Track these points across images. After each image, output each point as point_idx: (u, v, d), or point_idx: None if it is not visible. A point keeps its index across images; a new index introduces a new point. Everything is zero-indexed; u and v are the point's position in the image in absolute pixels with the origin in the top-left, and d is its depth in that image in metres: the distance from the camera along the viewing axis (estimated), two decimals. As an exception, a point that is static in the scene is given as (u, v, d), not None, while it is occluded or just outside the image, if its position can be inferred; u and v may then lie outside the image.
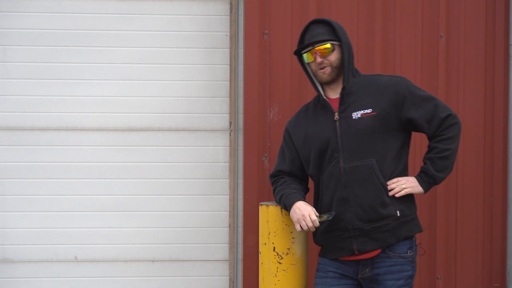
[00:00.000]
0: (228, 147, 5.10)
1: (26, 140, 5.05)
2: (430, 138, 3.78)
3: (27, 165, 5.05)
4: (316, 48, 3.76)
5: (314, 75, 3.85)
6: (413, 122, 3.75)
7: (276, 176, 3.99)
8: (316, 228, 3.79)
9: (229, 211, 5.10)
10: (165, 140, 5.10)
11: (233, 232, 5.08)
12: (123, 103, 5.08)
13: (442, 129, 3.73)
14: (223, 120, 5.10)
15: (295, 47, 4.84)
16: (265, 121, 4.85)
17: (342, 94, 3.78)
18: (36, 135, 5.06)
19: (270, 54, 4.85)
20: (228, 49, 5.08)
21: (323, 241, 3.84)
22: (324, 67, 3.77)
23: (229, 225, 5.10)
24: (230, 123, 5.08)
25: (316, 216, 3.72)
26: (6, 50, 5.04)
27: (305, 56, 3.82)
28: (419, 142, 4.74)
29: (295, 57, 4.85)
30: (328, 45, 3.75)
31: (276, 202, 3.94)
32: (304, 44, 3.78)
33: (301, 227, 3.72)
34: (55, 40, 5.05)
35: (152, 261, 5.11)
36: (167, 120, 5.09)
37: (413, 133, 3.86)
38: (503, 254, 4.94)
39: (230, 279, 5.11)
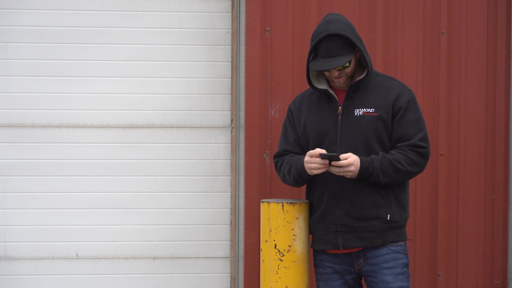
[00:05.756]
0: (230, 144, 5.09)
1: (27, 137, 5.05)
2: (392, 147, 3.75)
3: (28, 162, 5.05)
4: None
5: (327, 78, 3.83)
6: (393, 129, 3.73)
7: (282, 155, 3.96)
8: (311, 214, 3.87)
9: (230, 208, 5.10)
10: (167, 137, 5.09)
11: (234, 229, 5.08)
12: (125, 100, 5.08)
13: (410, 147, 3.70)
14: (224, 117, 5.10)
15: (296, 44, 4.85)
16: (266, 118, 4.85)
17: (349, 88, 3.78)
18: (37, 132, 5.06)
19: (272, 51, 4.85)
20: (230, 46, 5.07)
21: (314, 230, 3.88)
22: (340, 77, 3.76)
23: (230, 222, 5.10)
24: (232, 120, 5.08)
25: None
26: (8, 47, 5.03)
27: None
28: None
29: (296, 54, 4.86)
30: (346, 64, 3.72)
31: (284, 174, 3.89)
32: (320, 64, 3.68)
33: (318, 169, 3.67)
34: (56, 37, 5.05)
35: (153, 258, 5.11)
36: (169, 117, 5.09)
37: None
38: (504, 251, 4.94)
39: (231, 277, 5.11)
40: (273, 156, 4.02)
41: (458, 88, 4.91)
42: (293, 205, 4.00)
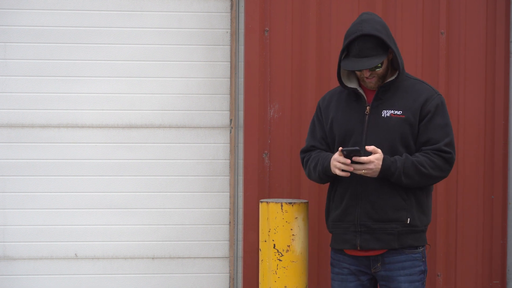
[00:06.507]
0: (229, 144, 5.09)
1: (26, 137, 5.05)
2: (417, 151, 3.74)
3: (27, 162, 5.05)
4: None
5: (358, 77, 3.81)
6: (419, 133, 3.72)
7: (309, 150, 3.92)
8: (329, 213, 3.81)
9: (229, 208, 5.10)
10: (165, 137, 5.09)
11: (233, 229, 5.08)
12: (123, 100, 5.08)
13: (434, 151, 3.69)
14: (223, 117, 5.10)
15: (295, 44, 4.85)
16: (265, 118, 4.85)
17: (378, 89, 3.75)
18: (36, 132, 5.06)
19: (271, 51, 4.85)
20: (229, 46, 5.07)
21: (333, 229, 3.83)
22: (372, 77, 3.73)
23: (229, 222, 5.10)
24: (231, 120, 5.08)
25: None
26: (7, 47, 5.03)
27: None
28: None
29: (295, 54, 4.85)
30: (378, 65, 3.69)
31: (310, 170, 3.85)
32: (353, 64, 3.65)
33: (343, 171, 3.62)
34: (55, 37, 5.05)
35: (152, 258, 5.11)
36: (168, 117, 5.09)
37: None
38: (503, 251, 4.94)
39: (230, 277, 5.11)
40: (300, 151, 3.99)
41: (457, 88, 4.91)
42: (292, 205, 4.01)
